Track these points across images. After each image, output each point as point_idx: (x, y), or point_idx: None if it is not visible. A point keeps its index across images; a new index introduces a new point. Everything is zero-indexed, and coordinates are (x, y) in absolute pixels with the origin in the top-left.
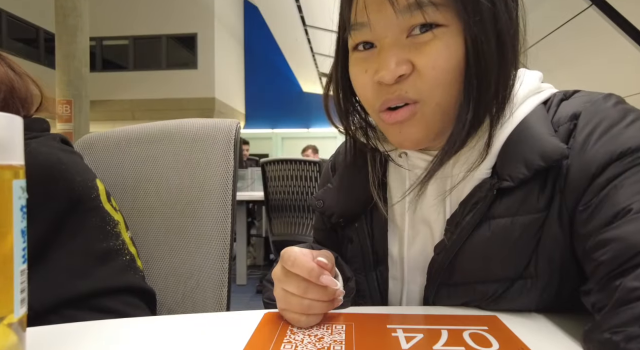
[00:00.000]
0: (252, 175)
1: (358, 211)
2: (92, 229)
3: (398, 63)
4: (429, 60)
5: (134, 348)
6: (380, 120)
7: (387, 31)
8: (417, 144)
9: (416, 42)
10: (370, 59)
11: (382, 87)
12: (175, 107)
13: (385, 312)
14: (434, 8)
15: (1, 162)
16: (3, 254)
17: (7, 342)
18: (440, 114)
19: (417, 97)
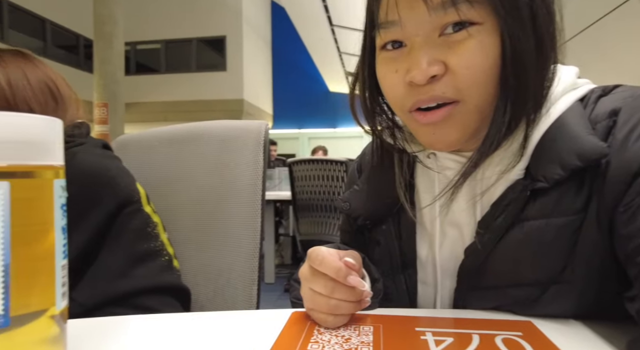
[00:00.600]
0: (279, 175)
1: (385, 213)
2: (134, 231)
3: (430, 63)
4: (463, 60)
5: (167, 343)
6: (411, 121)
7: (418, 29)
8: (450, 145)
9: (449, 41)
10: (400, 59)
11: (413, 87)
12: (205, 109)
13: (414, 315)
14: (469, 5)
15: (43, 163)
16: (45, 250)
17: (49, 333)
18: (477, 114)
19: (456, 97)
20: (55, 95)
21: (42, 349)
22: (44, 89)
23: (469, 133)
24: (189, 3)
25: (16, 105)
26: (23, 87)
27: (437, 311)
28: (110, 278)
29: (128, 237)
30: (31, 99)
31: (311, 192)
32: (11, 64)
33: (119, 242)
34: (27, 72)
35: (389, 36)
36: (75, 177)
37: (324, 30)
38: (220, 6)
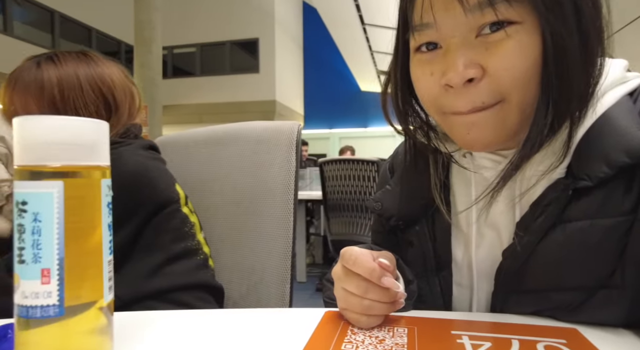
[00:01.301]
0: (310, 174)
1: (419, 214)
2: (172, 230)
3: (467, 65)
4: (501, 61)
5: (202, 338)
6: (447, 121)
7: (454, 31)
8: (487, 146)
9: (487, 41)
10: (435, 61)
11: (449, 90)
12: (239, 110)
13: (450, 317)
14: (507, 4)
15: (91, 163)
16: (94, 246)
17: (98, 323)
18: (518, 115)
19: (495, 101)
20: (109, 102)
21: (91, 338)
22: (97, 94)
23: (507, 134)
24: (223, 7)
25: (64, 110)
26: (73, 89)
27: (473, 314)
28: (148, 275)
29: (166, 236)
30: (80, 104)
31: (342, 192)
32: (68, 65)
33: (157, 240)
34: (80, 76)
35: (423, 38)
36: (119, 176)
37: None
38: (253, 9)
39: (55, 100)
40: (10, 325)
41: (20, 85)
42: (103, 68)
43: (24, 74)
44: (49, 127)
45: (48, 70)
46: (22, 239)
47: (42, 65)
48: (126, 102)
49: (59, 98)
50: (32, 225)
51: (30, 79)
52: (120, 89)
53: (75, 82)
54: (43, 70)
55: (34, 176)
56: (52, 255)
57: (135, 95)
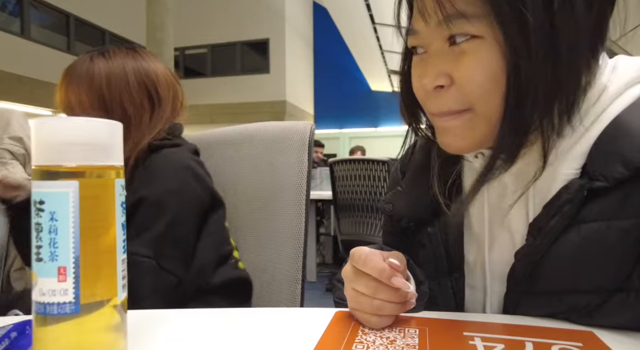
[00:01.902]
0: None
1: (430, 215)
2: (217, 233)
3: (437, 75)
4: (464, 72)
5: (213, 336)
6: (433, 122)
7: (430, 39)
8: (460, 150)
9: (457, 51)
10: (422, 62)
11: (429, 93)
12: (249, 111)
13: (462, 318)
14: (464, 20)
15: (106, 163)
16: (108, 244)
17: (113, 321)
18: (486, 124)
19: (463, 107)
20: (152, 96)
21: (106, 334)
22: (141, 86)
23: (479, 139)
24: (233, 8)
25: (110, 100)
26: (120, 80)
27: (486, 316)
28: (207, 270)
29: (214, 237)
30: (125, 96)
31: (352, 192)
32: (116, 59)
33: (209, 241)
34: (127, 69)
35: (413, 42)
36: (176, 173)
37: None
38: (264, 10)
39: (103, 91)
40: (28, 322)
41: (74, 77)
42: (149, 63)
43: (77, 68)
44: (65, 128)
45: (99, 63)
46: (39, 238)
47: (94, 59)
48: (169, 97)
49: (107, 89)
50: (49, 224)
51: (82, 71)
52: (164, 84)
53: (122, 74)
54: (94, 63)
55: (51, 176)
56: (68, 253)
57: (178, 93)
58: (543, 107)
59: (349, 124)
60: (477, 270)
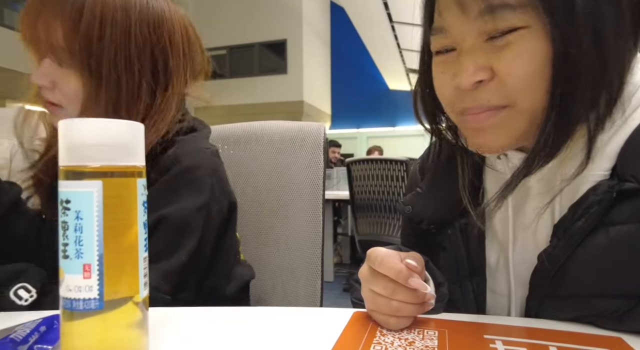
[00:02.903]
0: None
1: (451, 217)
2: (233, 241)
3: (476, 69)
4: (507, 65)
5: (231, 334)
6: (461, 122)
7: (464, 35)
8: (497, 150)
9: (496, 45)
10: (450, 62)
11: (460, 92)
12: (267, 111)
13: (482, 321)
14: (511, 10)
15: (129, 163)
16: (130, 243)
17: (135, 318)
18: (527, 119)
19: (502, 103)
20: (156, 74)
21: (129, 331)
22: (146, 46)
23: (517, 137)
24: (251, 9)
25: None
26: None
27: (508, 319)
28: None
29: (232, 236)
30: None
31: (370, 192)
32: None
33: (227, 243)
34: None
35: (439, 41)
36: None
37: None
38: (281, 10)
39: (92, 35)
40: (56, 316)
41: (52, 4)
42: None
43: None
44: (89, 130)
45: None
46: (66, 236)
47: None
48: (184, 67)
49: (97, 35)
50: (75, 223)
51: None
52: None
53: (123, 17)
54: None
55: (76, 176)
56: (92, 251)
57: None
58: (589, 98)
59: (366, 123)
60: (499, 274)
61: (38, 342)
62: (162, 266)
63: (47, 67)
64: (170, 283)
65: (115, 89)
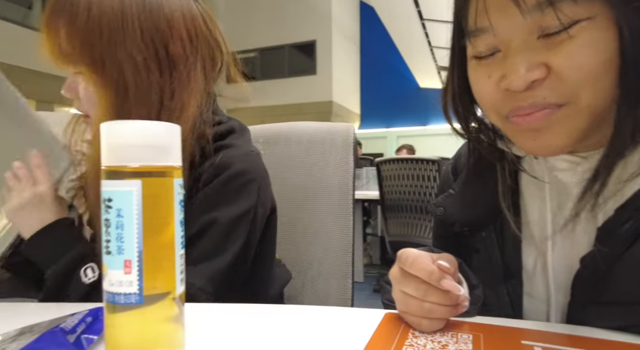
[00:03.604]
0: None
1: (485, 220)
2: (274, 235)
3: (530, 68)
4: (568, 60)
5: (264, 332)
6: (508, 126)
7: (513, 34)
8: (555, 152)
9: (552, 41)
10: (494, 64)
11: (509, 94)
12: (296, 112)
13: (520, 326)
14: (570, 2)
15: (166, 164)
16: (168, 240)
17: (172, 313)
18: (589, 116)
19: (560, 101)
20: (161, 61)
21: (166, 325)
22: (145, 36)
23: (577, 137)
24: (280, 11)
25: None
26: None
27: (548, 324)
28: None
29: (271, 241)
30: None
31: (401, 192)
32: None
33: (268, 245)
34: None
35: (480, 43)
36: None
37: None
38: (311, 11)
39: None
40: (100, 309)
41: (57, 8)
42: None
43: None
44: (129, 131)
45: None
46: (108, 232)
47: None
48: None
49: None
50: (116, 220)
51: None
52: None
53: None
54: None
55: (117, 176)
56: (132, 247)
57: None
58: None
59: (396, 122)
60: (537, 278)
61: (85, 332)
62: (209, 267)
63: (71, 79)
64: (215, 284)
65: (122, 83)
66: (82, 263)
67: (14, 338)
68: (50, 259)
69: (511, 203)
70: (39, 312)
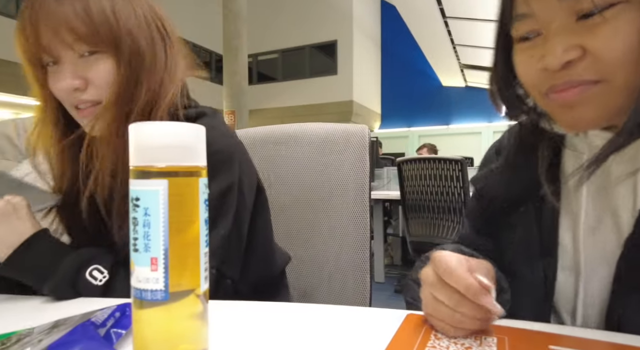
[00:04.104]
0: (388, 174)
1: (524, 196)
2: (265, 213)
3: (566, 49)
4: (604, 42)
5: (283, 330)
6: (548, 103)
7: (552, 18)
8: (589, 125)
9: (588, 24)
10: (536, 46)
11: (547, 73)
12: (317, 112)
13: (547, 330)
14: None
15: (191, 164)
16: (193, 238)
17: (196, 310)
18: (623, 97)
19: (596, 78)
20: (161, 31)
21: (191, 322)
22: (149, 23)
23: (611, 112)
24: (302, 12)
25: (118, 29)
26: (127, 18)
27: (577, 330)
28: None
29: (264, 218)
30: (134, 25)
31: (422, 192)
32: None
33: (261, 221)
34: (134, 5)
35: (523, 28)
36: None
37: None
38: (332, 11)
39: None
40: (128, 304)
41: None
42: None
43: None
44: (156, 132)
45: None
46: (136, 230)
47: None
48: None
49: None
50: (143, 219)
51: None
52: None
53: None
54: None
55: (144, 175)
56: (159, 245)
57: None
58: None
59: (417, 122)
60: (572, 254)
61: (114, 326)
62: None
63: (70, 69)
64: (216, 257)
65: (140, 54)
66: (84, 268)
67: (49, 330)
68: (42, 273)
69: (551, 178)
70: (69, 307)
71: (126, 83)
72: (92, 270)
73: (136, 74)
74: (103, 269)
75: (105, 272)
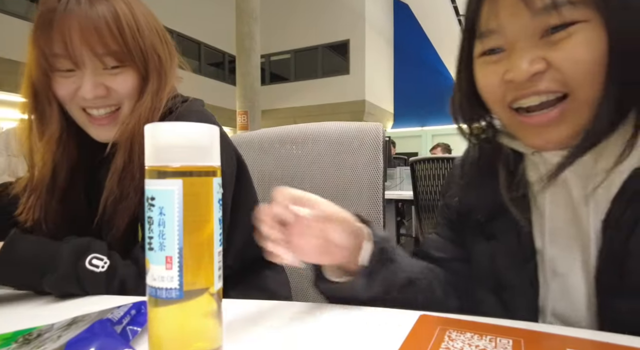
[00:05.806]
0: (400, 174)
1: (498, 207)
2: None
3: (531, 62)
4: (566, 55)
5: (294, 330)
6: (513, 121)
7: (519, 35)
8: (560, 145)
9: (552, 40)
10: (499, 61)
11: (512, 85)
12: (329, 112)
13: (566, 333)
14: (571, 6)
15: (206, 164)
16: (207, 238)
17: (210, 308)
18: (587, 111)
19: (561, 89)
20: (168, 43)
21: (205, 320)
22: (161, 37)
23: (578, 130)
24: (314, 12)
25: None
26: (151, 35)
27: (598, 334)
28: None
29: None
30: (156, 39)
31: (436, 192)
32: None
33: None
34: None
35: (489, 43)
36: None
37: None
38: (344, 11)
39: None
40: (143, 302)
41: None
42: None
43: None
44: (171, 132)
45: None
46: (151, 229)
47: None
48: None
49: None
50: (159, 218)
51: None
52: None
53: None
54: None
55: (159, 175)
56: (173, 244)
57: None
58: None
59: (431, 121)
60: (546, 258)
61: (130, 324)
62: None
63: (92, 78)
64: None
65: (160, 63)
66: (82, 258)
67: (67, 327)
68: (37, 270)
69: (516, 187)
70: (85, 304)
71: (148, 93)
72: (91, 259)
73: (158, 78)
74: (102, 255)
75: (104, 258)
